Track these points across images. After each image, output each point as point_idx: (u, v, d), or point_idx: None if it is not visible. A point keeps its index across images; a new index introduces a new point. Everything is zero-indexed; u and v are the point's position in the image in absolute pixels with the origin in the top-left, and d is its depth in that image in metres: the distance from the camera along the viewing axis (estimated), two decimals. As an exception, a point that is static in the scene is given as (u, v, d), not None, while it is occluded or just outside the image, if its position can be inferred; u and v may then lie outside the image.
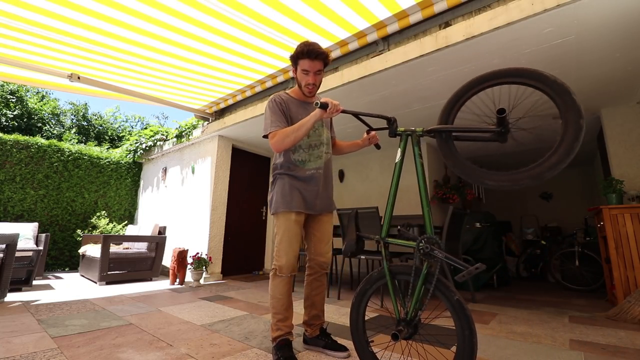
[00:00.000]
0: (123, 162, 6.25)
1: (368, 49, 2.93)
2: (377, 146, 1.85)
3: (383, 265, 1.35)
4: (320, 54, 1.60)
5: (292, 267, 1.65)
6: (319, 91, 3.19)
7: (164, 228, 4.80)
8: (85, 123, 11.61)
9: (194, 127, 5.05)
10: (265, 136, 1.63)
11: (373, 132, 1.77)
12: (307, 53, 1.59)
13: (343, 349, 1.68)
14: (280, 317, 1.65)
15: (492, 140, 1.15)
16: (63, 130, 10.83)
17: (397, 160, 1.42)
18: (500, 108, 1.08)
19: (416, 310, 1.23)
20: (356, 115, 1.50)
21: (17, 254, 3.30)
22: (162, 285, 3.98)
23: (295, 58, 1.64)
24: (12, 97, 9.28)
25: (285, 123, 1.62)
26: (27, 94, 10.09)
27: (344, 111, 1.45)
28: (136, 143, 6.17)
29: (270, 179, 1.81)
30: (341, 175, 5.78)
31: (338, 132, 4.50)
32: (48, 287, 3.69)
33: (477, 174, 1.16)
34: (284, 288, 1.65)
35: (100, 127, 11.93)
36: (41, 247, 3.92)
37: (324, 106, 1.36)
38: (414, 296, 1.23)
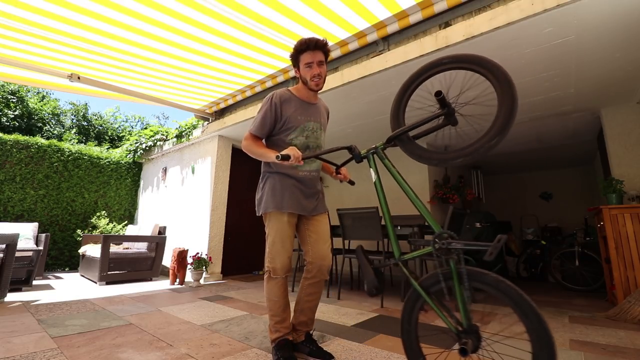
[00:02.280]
0: (123, 162, 6.25)
1: (368, 49, 2.93)
2: (351, 182, 1.84)
3: (412, 285, 1.24)
4: (318, 42, 1.57)
5: (287, 268, 1.62)
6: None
7: (164, 228, 4.80)
8: (85, 123, 11.60)
9: (194, 127, 5.05)
10: None
11: (342, 172, 1.78)
12: (307, 45, 1.56)
13: (328, 356, 1.60)
14: (278, 319, 1.62)
15: (445, 125, 1.21)
16: (63, 130, 10.83)
17: (374, 180, 1.40)
18: (436, 91, 1.13)
19: (469, 318, 1.13)
20: (316, 156, 1.51)
21: (17, 254, 3.30)
22: (162, 285, 3.98)
23: (296, 55, 1.60)
24: (12, 97, 9.28)
25: (265, 133, 1.64)
26: (28, 94, 10.09)
27: (303, 158, 1.44)
28: (136, 143, 6.17)
29: (260, 178, 1.74)
30: (341, 175, 5.78)
31: (338, 132, 4.50)
32: (48, 287, 3.69)
33: (437, 156, 1.23)
34: (279, 290, 1.62)
35: (100, 127, 11.93)
36: (41, 247, 3.92)
37: (285, 158, 1.38)
38: (459, 302, 1.13)
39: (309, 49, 1.56)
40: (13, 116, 8.92)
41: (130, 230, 5.13)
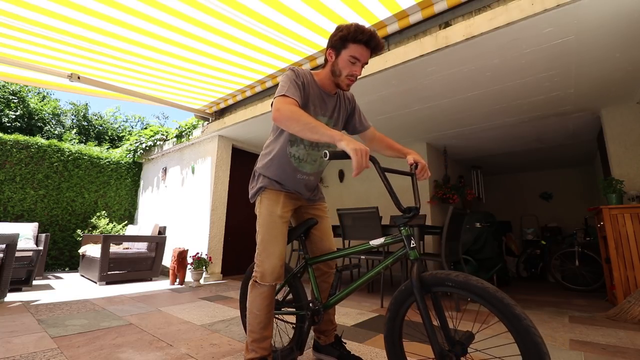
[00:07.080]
0: (123, 162, 6.25)
1: (368, 49, 2.93)
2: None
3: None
4: (379, 43, 1.28)
5: (277, 274, 1.37)
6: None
7: (164, 228, 4.80)
8: (85, 123, 11.62)
9: (194, 127, 5.05)
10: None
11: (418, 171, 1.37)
12: (367, 39, 1.25)
13: None
14: (255, 337, 1.38)
15: None
16: (63, 130, 10.84)
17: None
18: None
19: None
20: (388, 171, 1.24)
21: (17, 254, 3.30)
22: (162, 285, 3.98)
23: (345, 39, 1.27)
24: (13, 97, 9.29)
25: (301, 99, 1.30)
26: (29, 94, 10.10)
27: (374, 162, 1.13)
28: (136, 143, 6.17)
29: (253, 175, 1.53)
30: (341, 175, 5.78)
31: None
32: (48, 287, 3.69)
33: None
34: (263, 302, 1.37)
35: (101, 127, 11.94)
36: (41, 247, 3.91)
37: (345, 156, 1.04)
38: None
39: (367, 45, 1.27)
40: (14, 116, 8.93)
41: (130, 230, 5.13)
